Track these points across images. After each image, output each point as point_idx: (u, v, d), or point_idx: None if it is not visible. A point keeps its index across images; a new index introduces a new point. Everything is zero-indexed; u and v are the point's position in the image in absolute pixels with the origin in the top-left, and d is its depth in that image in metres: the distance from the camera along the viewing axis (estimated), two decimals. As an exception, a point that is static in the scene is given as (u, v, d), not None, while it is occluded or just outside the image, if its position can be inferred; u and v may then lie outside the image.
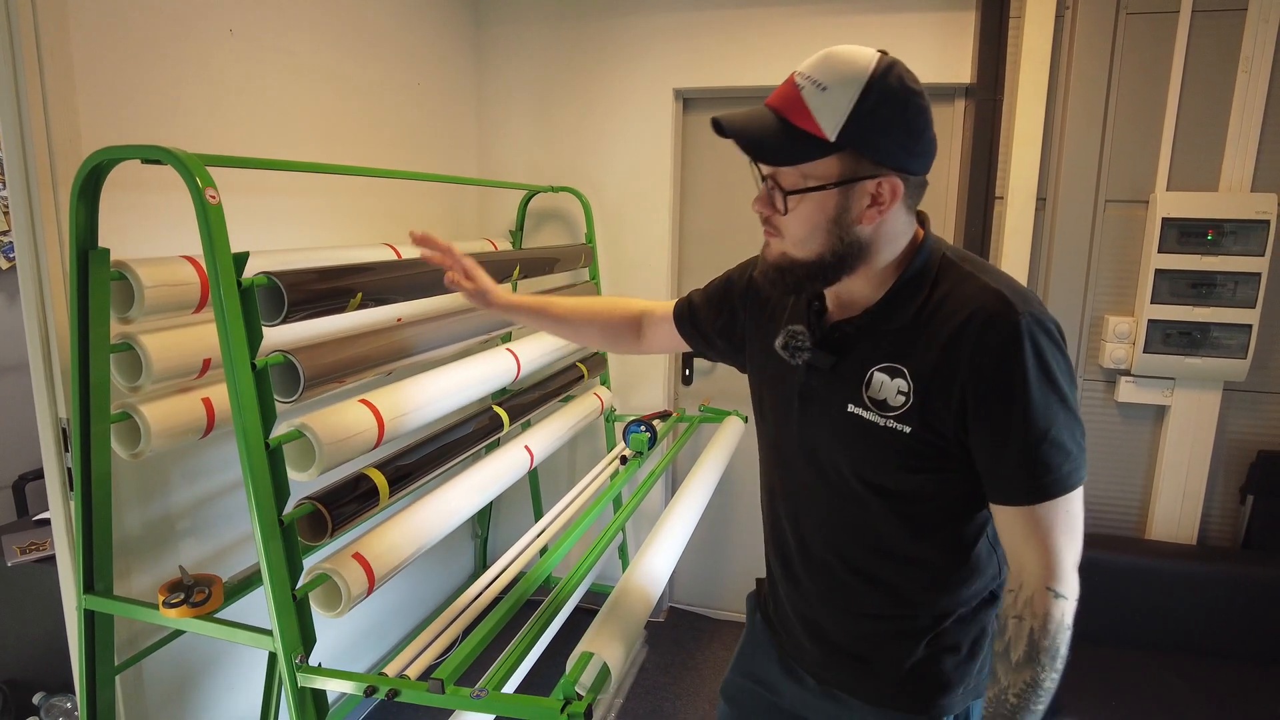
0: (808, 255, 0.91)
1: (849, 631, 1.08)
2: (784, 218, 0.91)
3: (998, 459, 0.88)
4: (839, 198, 0.87)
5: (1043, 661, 0.87)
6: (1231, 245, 2.18)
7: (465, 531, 3.02)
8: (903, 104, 0.86)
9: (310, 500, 1.33)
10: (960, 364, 0.87)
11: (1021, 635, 0.88)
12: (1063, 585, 0.87)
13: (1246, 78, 2.15)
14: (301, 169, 1.49)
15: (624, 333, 1.36)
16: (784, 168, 0.89)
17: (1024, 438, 0.85)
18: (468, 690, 1.19)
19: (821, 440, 1.01)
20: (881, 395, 0.93)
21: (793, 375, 1.03)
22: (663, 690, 2.56)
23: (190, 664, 1.74)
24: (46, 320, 1.37)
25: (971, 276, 0.91)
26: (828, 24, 2.44)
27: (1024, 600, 0.89)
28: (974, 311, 0.87)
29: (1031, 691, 0.88)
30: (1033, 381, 0.84)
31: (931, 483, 0.94)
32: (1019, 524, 0.89)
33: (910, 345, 0.91)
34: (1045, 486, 0.86)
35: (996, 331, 0.85)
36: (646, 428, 2.25)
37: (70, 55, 1.37)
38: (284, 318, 1.26)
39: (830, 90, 0.85)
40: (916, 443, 0.91)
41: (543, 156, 2.82)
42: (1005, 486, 0.89)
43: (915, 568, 1.01)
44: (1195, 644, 2.17)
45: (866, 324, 0.95)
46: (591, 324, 1.37)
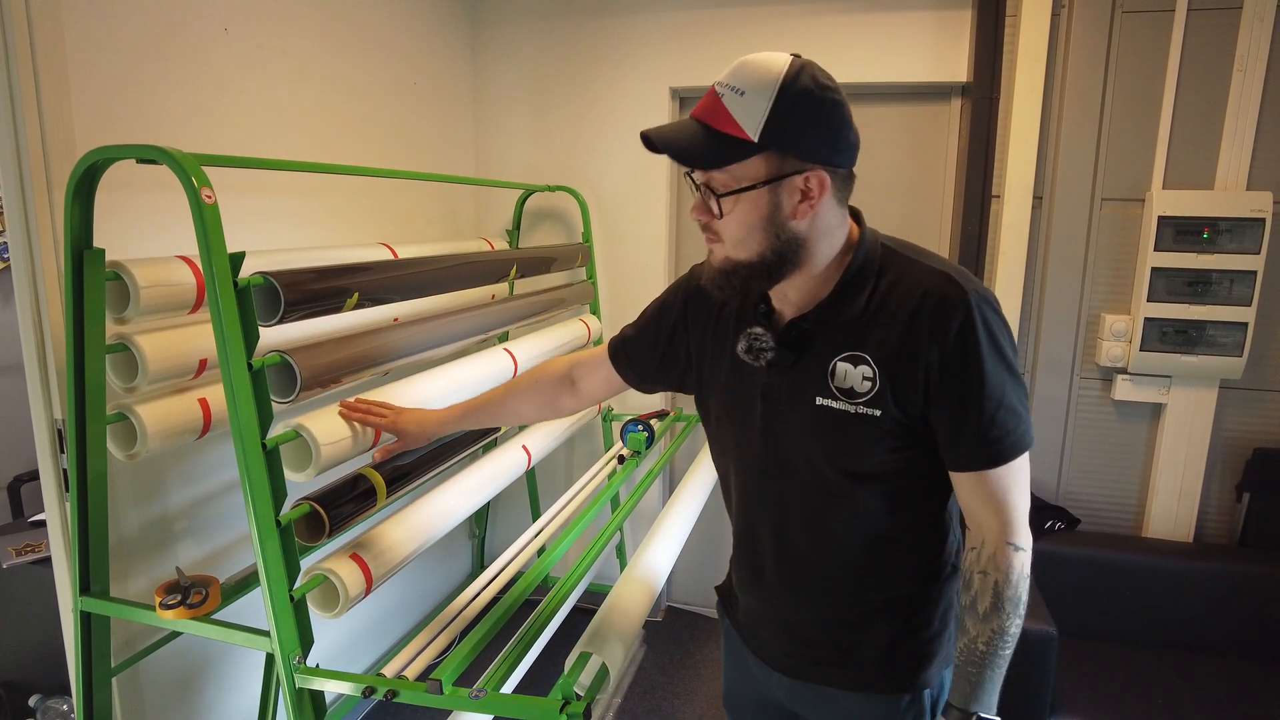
0: (749, 256, 0.95)
1: (830, 624, 1.10)
2: (721, 221, 0.94)
3: (960, 429, 0.94)
4: (769, 195, 0.91)
5: (1007, 610, 0.95)
6: (1227, 243, 2.18)
7: (463, 532, 3.02)
8: (818, 102, 0.89)
9: (307, 501, 1.33)
10: (920, 344, 0.92)
11: (987, 588, 0.96)
12: (1020, 538, 0.96)
13: (1242, 76, 2.16)
14: (297, 168, 1.49)
15: (556, 394, 1.34)
16: (716, 173, 0.92)
17: (982, 407, 0.92)
18: (466, 690, 1.19)
19: (791, 437, 1.03)
20: (848, 384, 0.97)
21: (753, 379, 1.05)
22: (661, 689, 2.56)
23: (187, 665, 1.74)
24: (41, 321, 1.37)
25: (914, 262, 0.97)
26: (823, 23, 2.44)
27: (987, 556, 0.96)
28: (925, 294, 0.93)
29: (999, 638, 0.95)
30: (986, 354, 0.91)
31: (903, 461, 0.99)
32: (979, 488, 0.96)
33: (867, 332, 0.96)
34: (1004, 450, 0.93)
35: (950, 311, 0.91)
36: (644, 427, 2.25)
37: (65, 55, 1.37)
38: (280, 318, 1.25)
39: (748, 95, 0.88)
40: (887, 423, 0.96)
41: (540, 156, 2.82)
42: (968, 454, 0.95)
43: (893, 548, 1.05)
44: (1192, 641, 2.17)
45: (822, 317, 0.99)
46: (521, 399, 1.36)
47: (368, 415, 1.39)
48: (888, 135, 2.58)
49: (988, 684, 0.97)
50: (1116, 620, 2.22)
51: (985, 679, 0.96)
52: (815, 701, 1.16)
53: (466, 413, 1.39)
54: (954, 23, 2.37)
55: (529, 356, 2.14)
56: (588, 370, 1.31)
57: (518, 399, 1.37)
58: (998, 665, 0.96)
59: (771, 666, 1.18)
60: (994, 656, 0.96)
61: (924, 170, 2.58)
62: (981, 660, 0.96)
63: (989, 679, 0.96)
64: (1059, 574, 2.22)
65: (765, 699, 1.24)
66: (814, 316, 0.99)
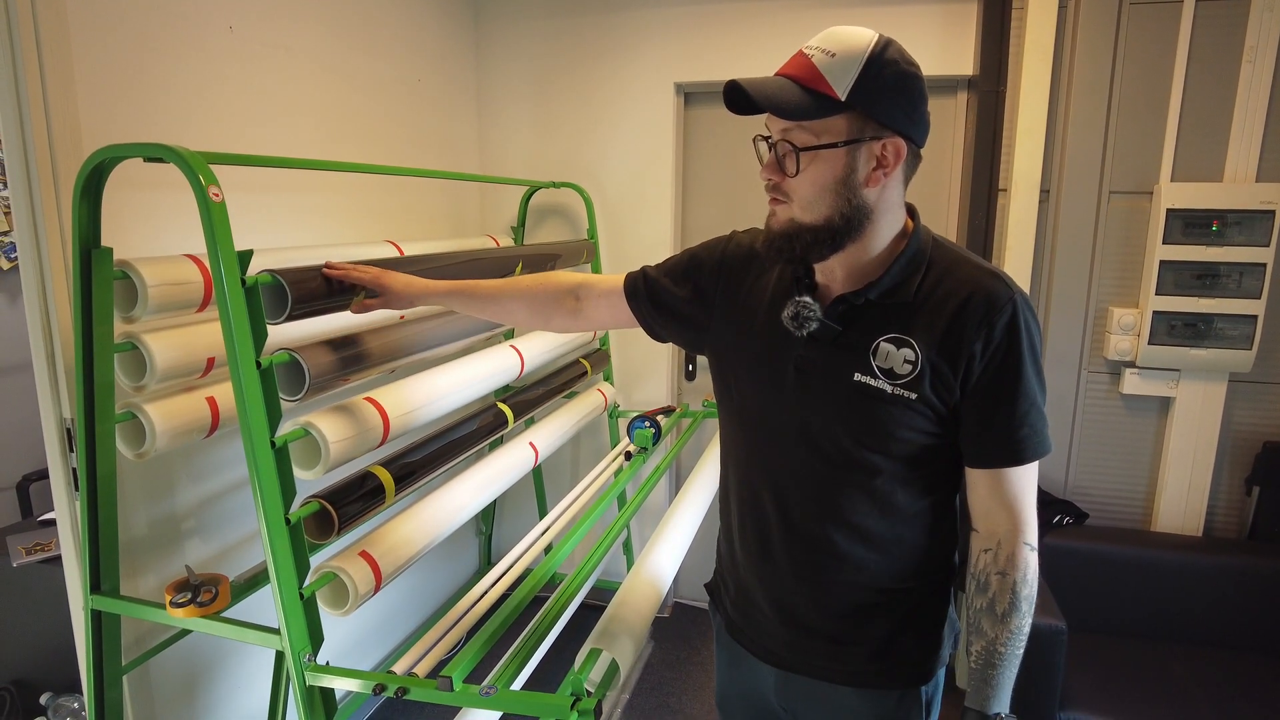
0: (815, 219, 0.95)
1: (829, 610, 1.08)
2: (795, 180, 0.94)
3: (991, 424, 0.96)
4: (847, 157, 0.92)
5: (1024, 609, 0.98)
6: (1236, 236, 2.17)
7: (469, 529, 3.02)
8: (902, 73, 0.92)
9: (316, 498, 1.33)
10: (966, 335, 0.94)
11: (1006, 589, 0.97)
12: (1034, 538, 0.98)
13: (1251, 67, 2.14)
14: (303, 166, 1.49)
15: (555, 305, 1.28)
16: (796, 129, 0.93)
17: (1016, 404, 0.95)
18: (476, 687, 1.19)
19: (820, 411, 1.02)
20: (889, 364, 0.97)
21: (787, 349, 1.04)
22: (669, 685, 2.56)
23: (197, 663, 1.74)
24: (50, 320, 1.37)
25: (963, 259, 1.00)
26: (829, 16, 2.43)
27: (1005, 557, 0.98)
28: (975, 289, 0.95)
29: (1017, 638, 0.97)
30: (1025, 355, 0.94)
31: (926, 449, 1.00)
32: (998, 486, 0.98)
33: (915, 317, 0.97)
34: (1029, 450, 0.96)
35: (999, 308, 0.94)
36: (650, 423, 2.25)
37: (70, 54, 1.37)
38: (288, 316, 1.25)
39: (838, 56, 0.91)
40: (920, 407, 0.97)
41: (544, 152, 2.82)
42: (994, 450, 0.97)
43: (900, 537, 1.05)
44: (1201, 636, 2.17)
45: (874, 297, 0.99)
46: (517, 300, 1.30)
47: (350, 270, 1.33)
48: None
49: (1007, 684, 0.98)
50: (1125, 615, 2.21)
51: (1005, 680, 0.98)
52: (809, 697, 1.14)
53: (456, 290, 1.32)
54: (960, 15, 2.36)
55: (535, 353, 2.14)
56: (596, 295, 1.25)
57: (513, 297, 1.30)
58: (1013, 664, 0.98)
59: (765, 660, 1.16)
60: (1010, 657, 0.98)
61: (930, 164, 2.57)
62: (1001, 661, 0.97)
63: (1006, 678, 0.98)
64: (1068, 569, 2.22)
65: (757, 699, 1.22)
66: (866, 294, 0.99)
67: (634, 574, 1.55)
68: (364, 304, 1.36)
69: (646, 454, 2.27)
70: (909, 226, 1.01)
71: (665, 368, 2.83)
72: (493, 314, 1.34)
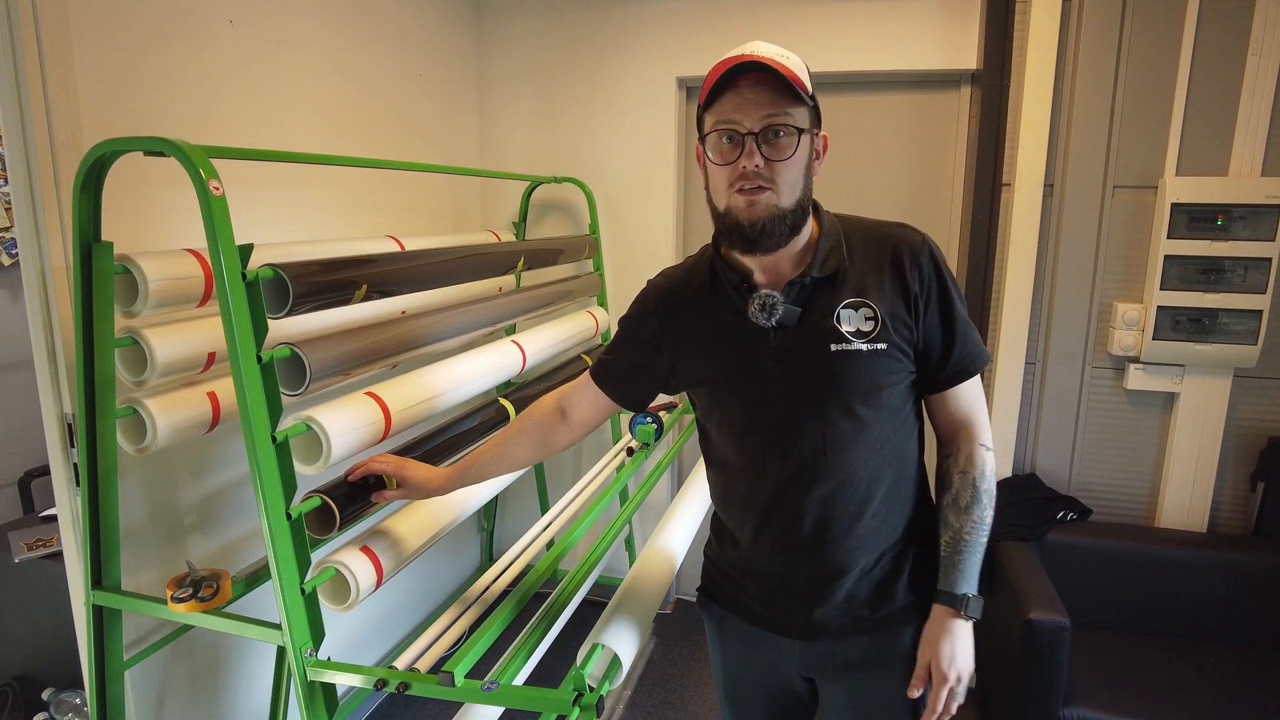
0: (792, 202, 1.04)
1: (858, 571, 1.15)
2: (785, 164, 1.02)
3: (946, 349, 1.11)
4: (810, 145, 1.05)
5: (984, 501, 1.12)
6: (1241, 230, 2.16)
7: (471, 525, 3.02)
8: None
9: (318, 494, 1.32)
10: (904, 280, 1.08)
11: (966, 484, 1.12)
12: (989, 439, 1.15)
13: (1257, 61, 2.13)
14: (304, 160, 1.48)
15: (549, 430, 1.34)
16: (783, 115, 1.01)
17: (956, 326, 1.10)
18: (478, 683, 1.19)
19: (809, 390, 1.10)
20: (854, 326, 1.08)
21: (758, 349, 1.11)
22: (671, 681, 2.56)
23: (199, 659, 1.74)
24: (50, 315, 1.36)
25: (870, 222, 1.15)
26: (832, 9, 2.42)
27: (964, 457, 1.14)
28: (897, 242, 1.10)
29: (979, 527, 1.11)
30: (950, 283, 1.10)
31: (907, 389, 1.13)
32: (957, 401, 1.14)
33: (857, 280, 1.09)
34: (976, 363, 1.13)
35: (918, 250, 1.10)
36: (653, 419, 2.24)
37: (71, 48, 1.36)
38: (289, 310, 1.25)
39: (793, 60, 1.02)
40: (892, 353, 1.08)
41: (546, 147, 2.81)
42: (951, 372, 1.12)
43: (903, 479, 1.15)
44: (1205, 632, 2.16)
45: (817, 274, 1.09)
46: (517, 446, 1.35)
47: (370, 463, 1.37)
48: (897, 123, 2.56)
49: (973, 568, 1.11)
50: (1129, 611, 2.21)
51: (970, 563, 1.11)
52: (828, 655, 1.19)
53: (465, 469, 1.37)
54: (963, 9, 2.34)
55: (537, 348, 2.14)
56: (575, 399, 1.32)
57: (513, 445, 1.35)
58: (978, 550, 1.12)
59: (791, 635, 1.20)
60: (975, 543, 1.11)
61: (933, 159, 2.56)
62: (966, 548, 1.11)
63: (973, 564, 1.11)
64: (1071, 565, 2.21)
65: (777, 676, 1.25)
66: (810, 273, 1.09)
67: (636, 570, 1.55)
68: (384, 495, 1.38)
69: (648, 450, 2.27)
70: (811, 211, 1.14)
71: (667, 364, 2.82)
72: (505, 469, 1.39)
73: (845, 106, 2.58)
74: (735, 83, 1.01)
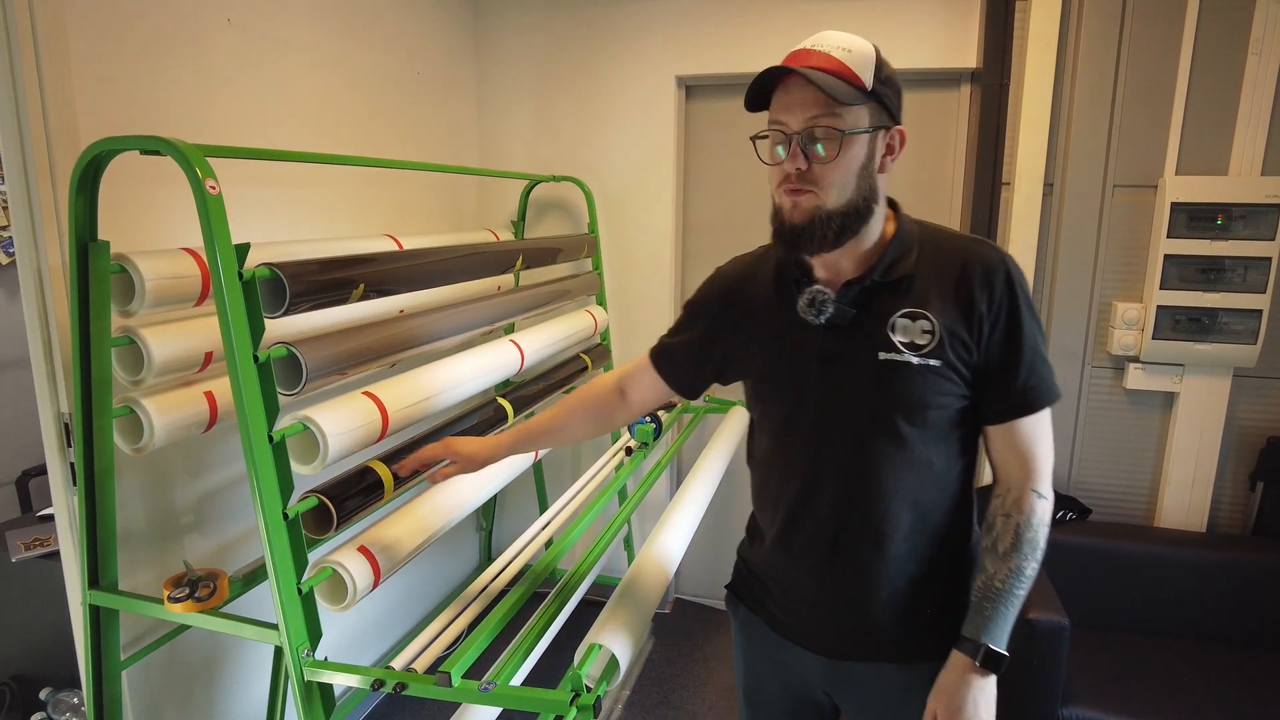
0: (841, 204, 1.00)
1: (881, 593, 1.09)
2: (827, 166, 0.98)
3: (1006, 377, 1.03)
4: (870, 144, 1.00)
5: (1025, 551, 1.03)
6: (1241, 230, 2.16)
7: (469, 525, 3.02)
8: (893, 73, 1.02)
9: (315, 493, 1.32)
10: (973, 298, 1.01)
11: (1009, 529, 1.04)
12: (1044, 486, 1.05)
13: (1257, 60, 2.13)
14: (301, 159, 1.48)
15: (608, 408, 1.36)
16: (826, 117, 0.97)
17: (1022, 355, 1.02)
18: (475, 683, 1.18)
19: (853, 395, 1.06)
20: (909, 338, 1.03)
21: (806, 347, 1.08)
22: (670, 681, 2.56)
23: (197, 659, 1.74)
24: (47, 315, 1.36)
25: (946, 231, 1.09)
26: (832, 8, 2.41)
27: (1011, 501, 1.05)
28: (969, 256, 1.03)
29: (1015, 577, 1.02)
30: (1024, 309, 1.02)
31: (958, 411, 1.05)
32: (1012, 437, 1.05)
33: (921, 291, 1.03)
34: (1039, 398, 1.03)
35: (994, 269, 1.02)
36: (651, 419, 2.24)
37: (67, 47, 1.36)
38: (286, 309, 1.25)
39: (855, 53, 0.98)
40: (946, 373, 1.02)
41: (544, 146, 2.80)
42: (1009, 403, 1.04)
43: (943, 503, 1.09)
44: (1204, 632, 2.16)
45: (879, 278, 1.05)
46: (574, 417, 1.37)
47: (421, 454, 1.38)
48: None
49: (1001, 620, 1.02)
50: (1129, 610, 2.20)
51: (999, 614, 1.02)
52: (852, 678, 1.16)
53: (519, 438, 1.37)
54: (964, 7, 2.34)
55: (535, 348, 2.13)
56: (634, 380, 1.33)
57: (570, 418, 1.37)
58: (1011, 603, 1.03)
59: (814, 650, 1.17)
60: (1008, 594, 1.02)
61: (933, 157, 2.56)
62: (997, 596, 1.03)
63: (1002, 615, 1.02)
64: (1071, 564, 2.21)
65: (798, 686, 1.23)
66: (871, 276, 1.05)
67: (634, 569, 1.55)
68: (443, 472, 1.38)
69: (647, 449, 2.26)
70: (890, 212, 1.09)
71: (666, 363, 2.82)
72: (560, 441, 1.41)
73: (845, 105, 2.57)
74: (785, 81, 1.00)
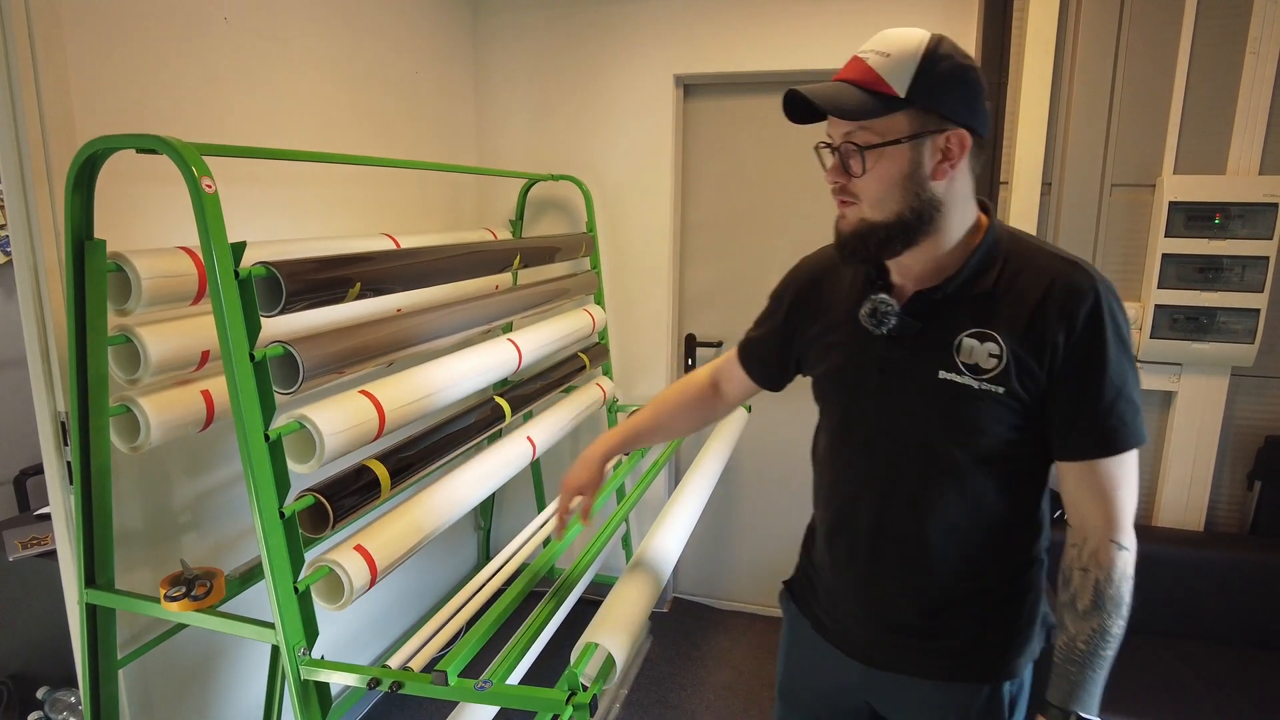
0: (886, 216, 0.95)
1: (920, 609, 1.08)
2: (861, 180, 0.95)
3: (1078, 414, 0.94)
4: (912, 152, 0.93)
5: (1108, 609, 0.96)
6: (1239, 229, 2.16)
7: (468, 523, 3.02)
8: (959, 66, 0.93)
9: (311, 492, 1.32)
10: (1049, 325, 0.93)
11: (1087, 586, 0.96)
12: (1124, 537, 0.96)
13: (1254, 59, 2.13)
14: (298, 158, 1.48)
15: (708, 404, 1.36)
16: (859, 130, 0.93)
17: (1102, 393, 0.93)
18: (472, 682, 1.18)
19: (907, 411, 1.02)
20: (973, 359, 0.97)
21: (869, 353, 1.05)
22: (668, 680, 2.56)
23: (193, 658, 1.74)
24: (44, 313, 1.36)
25: (1040, 249, 0.99)
26: (829, 7, 2.41)
27: (1089, 553, 0.97)
28: (1054, 279, 0.94)
29: (1099, 637, 0.96)
30: (1111, 342, 0.93)
31: (1015, 443, 0.99)
32: (1088, 479, 0.96)
33: (996, 311, 0.97)
34: (1118, 440, 0.94)
35: (1080, 296, 0.93)
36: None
37: (64, 45, 1.36)
38: (282, 308, 1.24)
39: (893, 56, 0.92)
40: (1008, 401, 0.96)
41: (542, 145, 2.80)
42: (1082, 441, 0.95)
43: (992, 533, 1.04)
44: (1202, 630, 2.16)
45: (952, 292, 0.99)
46: (675, 416, 1.37)
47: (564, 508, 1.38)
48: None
49: (1088, 684, 0.97)
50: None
51: (1085, 679, 0.96)
52: (891, 690, 1.15)
53: (627, 438, 1.37)
54: (961, 6, 2.34)
55: (533, 347, 2.13)
56: (725, 374, 1.34)
57: (672, 417, 1.37)
58: (1098, 665, 0.96)
59: (853, 657, 1.16)
60: (1094, 656, 0.96)
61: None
62: (1082, 660, 0.96)
63: (1089, 679, 0.96)
64: (1068, 563, 2.20)
65: (834, 689, 1.23)
66: (945, 289, 0.99)
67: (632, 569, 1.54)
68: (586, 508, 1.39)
69: (645, 449, 2.26)
70: (983, 221, 1.01)
71: (665, 362, 2.82)
72: (664, 438, 1.41)
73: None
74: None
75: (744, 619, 2.96)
